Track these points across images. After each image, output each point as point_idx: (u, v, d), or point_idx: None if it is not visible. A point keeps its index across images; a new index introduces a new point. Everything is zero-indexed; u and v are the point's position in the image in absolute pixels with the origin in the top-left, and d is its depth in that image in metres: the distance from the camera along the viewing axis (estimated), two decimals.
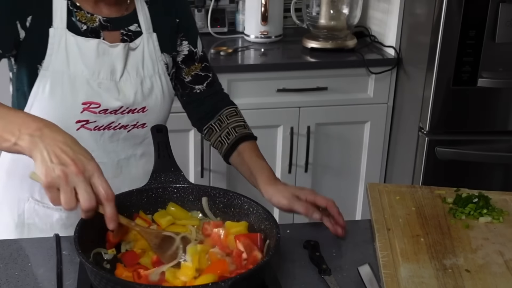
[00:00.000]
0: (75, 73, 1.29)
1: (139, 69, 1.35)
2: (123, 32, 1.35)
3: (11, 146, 1.03)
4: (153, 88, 1.37)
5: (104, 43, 1.31)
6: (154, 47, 1.38)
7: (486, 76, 2.29)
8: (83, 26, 1.31)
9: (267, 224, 1.14)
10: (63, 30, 1.29)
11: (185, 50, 1.46)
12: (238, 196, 1.21)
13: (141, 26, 1.37)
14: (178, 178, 1.26)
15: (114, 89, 1.32)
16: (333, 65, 2.60)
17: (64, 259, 1.20)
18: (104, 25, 1.33)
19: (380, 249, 1.19)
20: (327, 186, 2.77)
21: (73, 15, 1.30)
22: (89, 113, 1.31)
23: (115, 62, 1.32)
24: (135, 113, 1.36)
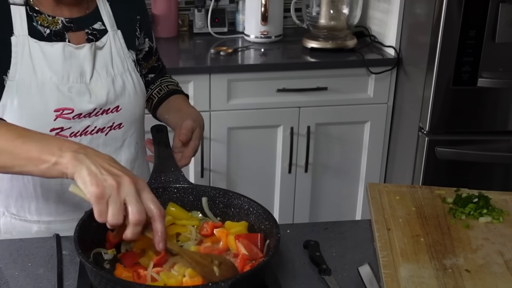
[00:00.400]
0: (43, 80, 1.25)
1: (108, 68, 1.32)
2: (88, 31, 1.32)
3: (49, 167, 1.01)
4: (125, 86, 1.34)
5: (69, 45, 1.27)
6: (120, 44, 1.36)
7: (486, 76, 2.29)
8: (46, 30, 1.27)
9: (267, 224, 1.14)
10: (25, 37, 1.24)
11: (146, 47, 1.48)
12: (238, 196, 1.21)
13: (105, 24, 1.34)
14: (178, 178, 1.26)
15: (85, 92, 1.28)
16: (333, 65, 2.60)
17: (64, 259, 1.20)
18: (67, 26, 1.29)
19: (380, 249, 1.19)
20: (327, 186, 2.78)
21: (33, 20, 1.26)
22: (62, 119, 1.26)
23: (83, 63, 1.28)
24: (109, 113, 1.33)
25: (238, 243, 1.11)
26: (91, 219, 1.14)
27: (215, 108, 2.55)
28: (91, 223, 1.14)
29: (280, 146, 2.65)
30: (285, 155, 2.66)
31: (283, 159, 2.66)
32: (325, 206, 2.82)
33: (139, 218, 0.95)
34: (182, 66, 2.54)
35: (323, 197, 2.80)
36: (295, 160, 2.68)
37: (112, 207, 0.94)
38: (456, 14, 2.21)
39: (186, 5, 2.98)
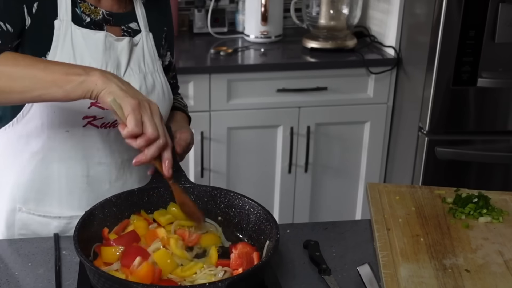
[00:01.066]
0: None
1: (141, 65, 1.34)
2: (123, 28, 1.34)
3: (75, 86, 1.07)
4: (155, 84, 1.36)
5: (111, 36, 1.29)
6: (152, 46, 1.38)
7: (486, 76, 2.29)
8: (86, 18, 1.29)
9: (267, 225, 1.14)
10: (68, 23, 1.26)
11: (166, 61, 1.47)
12: (239, 197, 1.21)
13: (139, 25, 1.37)
14: (180, 178, 1.26)
15: None
16: (333, 65, 2.60)
17: (64, 259, 1.20)
18: (107, 19, 1.32)
19: (380, 249, 1.19)
20: (327, 186, 2.78)
21: (77, 7, 1.28)
22: (97, 108, 1.26)
23: (120, 56, 1.30)
24: None
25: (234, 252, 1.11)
26: (91, 218, 1.15)
27: (215, 108, 2.55)
28: (92, 222, 1.15)
29: (280, 146, 2.65)
30: (285, 155, 2.66)
31: (283, 159, 2.66)
32: (325, 206, 2.82)
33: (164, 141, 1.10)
34: (182, 66, 2.54)
35: (323, 197, 2.80)
36: (295, 160, 2.68)
37: (147, 119, 1.06)
38: (456, 14, 2.21)
39: (186, 5, 2.98)
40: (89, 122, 1.27)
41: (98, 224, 1.17)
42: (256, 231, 1.17)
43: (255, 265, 1.04)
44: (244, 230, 1.20)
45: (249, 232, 1.18)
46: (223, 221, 1.22)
